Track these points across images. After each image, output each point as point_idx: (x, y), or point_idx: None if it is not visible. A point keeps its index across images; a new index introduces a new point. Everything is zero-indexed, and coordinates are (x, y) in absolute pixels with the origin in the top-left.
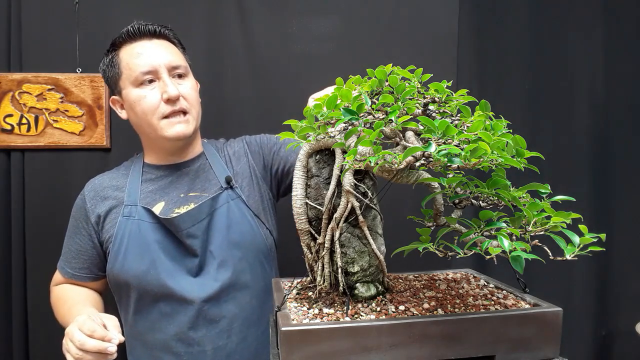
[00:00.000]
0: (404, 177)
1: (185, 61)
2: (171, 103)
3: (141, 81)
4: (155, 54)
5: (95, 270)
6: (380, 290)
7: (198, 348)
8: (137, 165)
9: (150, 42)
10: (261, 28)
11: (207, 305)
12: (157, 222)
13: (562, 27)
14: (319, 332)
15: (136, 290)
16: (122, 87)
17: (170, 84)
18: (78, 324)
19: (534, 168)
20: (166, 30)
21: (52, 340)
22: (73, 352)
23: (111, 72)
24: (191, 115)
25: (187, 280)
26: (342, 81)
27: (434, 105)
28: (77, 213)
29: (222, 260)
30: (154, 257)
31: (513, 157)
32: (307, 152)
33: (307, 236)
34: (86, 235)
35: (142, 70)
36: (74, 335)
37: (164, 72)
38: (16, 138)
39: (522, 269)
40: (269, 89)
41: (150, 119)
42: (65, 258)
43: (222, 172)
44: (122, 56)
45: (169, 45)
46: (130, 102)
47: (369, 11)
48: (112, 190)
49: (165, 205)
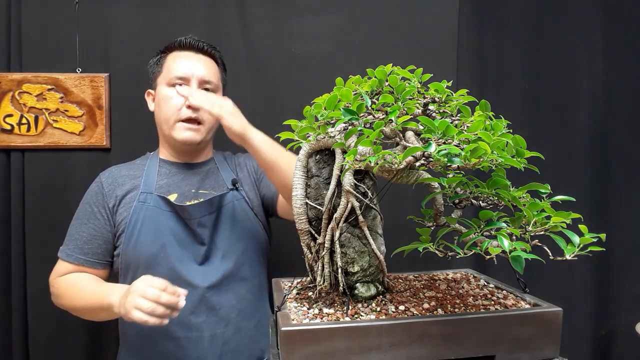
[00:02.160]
0: (404, 177)
1: (220, 81)
2: (191, 110)
3: (173, 83)
4: (193, 65)
5: (107, 256)
6: (380, 290)
7: (197, 334)
8: (154, 159)
9: (195, 55)
10: (261, 28)
11: (210, 292)
12: (170, 210)
13: (562, 27)
14: (319, 332)
15: (144, 271)
16: (158, 83)
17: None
18: (147, 282)
19: (534, 168)
20: (213, 50)
21: (52, 340)
22: (146, 307)
23: (155, 68)
24: (204, 126)
25: (193, 267)
26: (342, 81)
27: (434, 105)
28: (93, 199)
29: (226, 252)
30: (165, 242)
31: (513, 157)
32: (307, 152)
33: (307, 236)
34: (102, 219)
35: (177, 74)
36: (147, 290)
37: (194, 83)
38: (16, 138)
39: (522, 269)
40: (269, 89)
41: (169, 117)
42: (75, 245)
43: (229, 176)
44: (168, 59)
45: (211, 63)
46: (159, 98)
47: (369, 11)
48: (129, 178)
49: (178, 197)
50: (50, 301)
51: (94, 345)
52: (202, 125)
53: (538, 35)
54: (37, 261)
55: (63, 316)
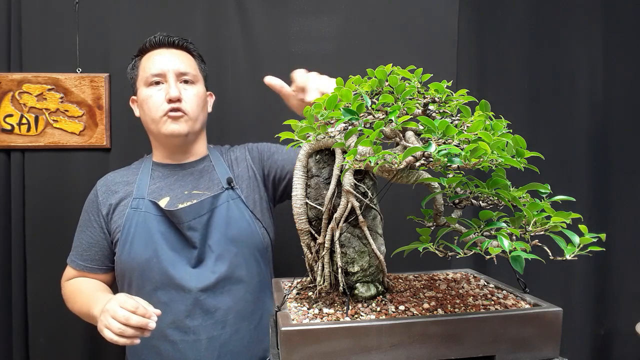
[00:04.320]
0: (404, 177)
1: (198, 71)
2: (172, 103)
3: (150, 82)
4: (167, 60)
5: (107, 262)
6: (380, 290)
7: (193, 337)
8: (147, 163)
9: (167, 50)
10: (261, 28)
11: (204, 295)
12: (161, 215)
13: (562, 27)
14: (319, 332)
15: (139, 277)
16: (138, 87)
17: (173, 86)
18: (119, 302)
19: (534, 168)
20: (185, 43)
21: (52, 340)
22: (115, 327)
23: (132, 74)
24: (189, 116)
25: (186, 270)
26: (342, 81)
27: (434, 105)
28: (89, 207)
29: (220, 254)
30: (157, 247)
31: (513, 157)
32: (307, 152)
33: (307, 236)
34: (97, 227)
35: (152, 72)
36: (117, 311)
37: (171, 77)
38: (16, 138)
39: (522, 269)
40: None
41: (154, 115)
42: (76, 252)
43: (224, 174)
44: (142, 61)
45: (185, 55)
46: (141, 100)
47: (369, 11)
48: (122, 185)
49: (170, 200)
50: (50, 301)
51: (94, 346)
52: (186, 115)
53: (538, 35)
54: (37, 261)
55: (63, 316)
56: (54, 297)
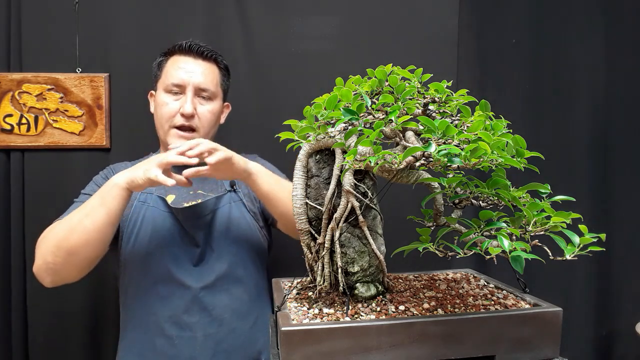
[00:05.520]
0: (404, 177)
1: (218, 87)
2: (185, 118)
3: (169, 90)
4: (191, 72)
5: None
6: (380, 290)
7: (190, 333)
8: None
9: (195, 61)
10: (261, 28)
11: (203, 292)
12: (168, 211)
13: (562, 27)
14: (319, 332)
15: (141, 270)
16: (158, 87)
17: (189, 102)
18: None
19: (534, 168)
20: (215, 55)
21: (52, 340)
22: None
23: (156, 71)
24: (198, 133)
25: (188, 267)
26: (342, 81)
27: (434, 105)
28: (102, 182)
29: (220, 254)
30: (161, 242)
31: (513, 157)
32: (307, 152)
33: (307, 236)
34: None
35: (173, 81)
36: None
37: (190, 91)
38: (16, 138)
39: (522, 269)
40: (269, 89)
41: (164, 123)
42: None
43: None
44: (168, 63)
45: (210, 68)
46: (157, 102)
47: (369, 11)
48: None
49: (175, 198)
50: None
51: (94, 345)
52: (196, 132)
53: (538, 35)
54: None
55: (63, 316)
56: (54, 297)
